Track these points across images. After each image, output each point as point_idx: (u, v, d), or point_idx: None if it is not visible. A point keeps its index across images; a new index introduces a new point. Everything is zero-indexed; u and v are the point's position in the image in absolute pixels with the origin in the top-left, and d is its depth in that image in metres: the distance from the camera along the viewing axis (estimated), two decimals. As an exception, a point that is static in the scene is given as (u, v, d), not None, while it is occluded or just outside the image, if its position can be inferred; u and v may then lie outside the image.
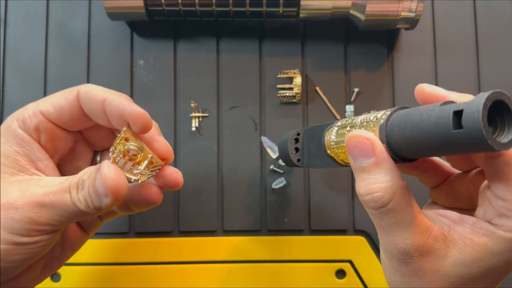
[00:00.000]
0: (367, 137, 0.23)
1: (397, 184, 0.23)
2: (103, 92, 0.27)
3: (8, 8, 0.41)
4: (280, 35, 0.42)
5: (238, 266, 0.39)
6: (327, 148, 0.28)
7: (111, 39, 0.41)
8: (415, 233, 0.23)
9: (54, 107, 0.27)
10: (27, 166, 0.27)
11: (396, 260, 0.24)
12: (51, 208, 0.25)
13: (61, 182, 0.26)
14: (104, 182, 0.24)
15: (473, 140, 0.19)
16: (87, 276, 0.38)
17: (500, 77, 0.41)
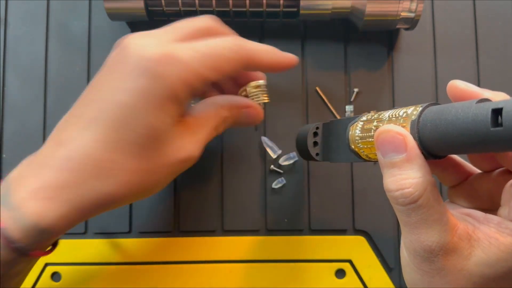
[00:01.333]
0: (399, 132, 0.23)
1: (428, 181, 0.23)
2: (271, 56, 0.31)
3: (8, 8, 0.41)
4: (280, 35, 0.42)
5: (238, 266, 0.39)
6: (351, 143, 0.28)
7: (112, 39, 0.41)
8: (442, 231, 0.23)
9: (219, 73, 0.28)
10: (181, 119, 0.29)
11: (420, 258, 0.24)
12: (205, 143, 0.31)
13: (207, 122, 0.31)
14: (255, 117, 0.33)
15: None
16: (87, 276, 0.38)
17: (500, 77, 0.41)
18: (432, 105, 0.23)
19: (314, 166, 0.40)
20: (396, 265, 0.39)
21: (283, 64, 0.32)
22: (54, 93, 0.41)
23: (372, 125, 0.26)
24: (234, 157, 0.40)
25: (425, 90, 0.41)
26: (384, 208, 0.40)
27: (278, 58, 0.31)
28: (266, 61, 0.31)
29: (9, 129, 0.40)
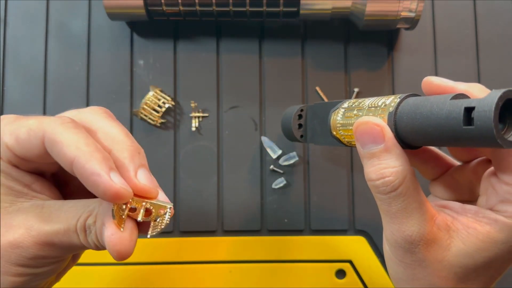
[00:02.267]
0: (377, 123, 0.24)
1: (407, 170, 0.23)
2: (72, 150, 0.22)
3: (8, 8, 0.41)
4: (280, 35, 0.42)
5: (238, 266, 0.39)
6: (333, 129, 0.28)
7: (111, 39, 0.41)
8: (421, 221, 0.24)
9: (19, 144, 0.24)
10: (24, 190, 0.25)
11: (401, 250, 0.24)
12: (61, 247, 0.24)
13: (67, 218, 0.24)
14: (109, 249, 0.24)
15: (482, 137, 0.19)
16: (87, 276, 0.38)
17: (500, 77, 0.41)
18: (411, 96, 0.24)
19: (314, 166, 0.40)
20: (396, 265, 0.39)
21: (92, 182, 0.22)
22: (54, 92, 0.41)
23: (353, 113, 0.26)
24: (234, 157, 0.40)
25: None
26: (384, 208, 0.40)
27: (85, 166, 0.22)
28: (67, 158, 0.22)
29: (8, 129, 0.40)
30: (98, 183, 0.22)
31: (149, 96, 0.39)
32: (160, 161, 0.40)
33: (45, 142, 0.23)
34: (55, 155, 0.23)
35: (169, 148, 0.40)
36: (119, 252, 0.24)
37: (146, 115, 0.40)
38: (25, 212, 0.24)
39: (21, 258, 0.24)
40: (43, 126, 0.23)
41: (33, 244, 0.23)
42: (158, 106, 0.40)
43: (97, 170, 0.22)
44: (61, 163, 0.23)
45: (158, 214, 0.24)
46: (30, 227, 0.24)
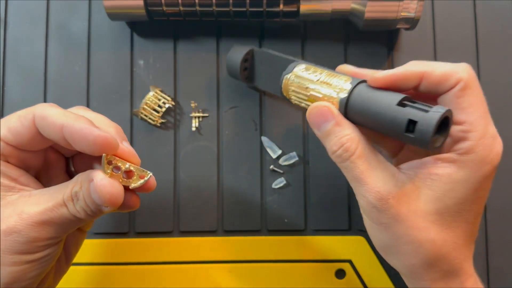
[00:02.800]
0: (324, 105, 0.28)
1: (359, 135, 0.27)
2: (60, 118, 0.25)
3: (8, 8, 0.41)
4: (280, 35, 0.42)
5: (238, 266, 0.39)
6: (284, 91, 0.32)
7: (111, 39, 0.41)
8: (385, 175, 0.27)
9: (12, 133, 0.26)
10: (11, 184, 0.26)
11: (376, 212, 0.26)
12: (52, 224, 0.25)
13: (53, 196, 0.26)
14: (101, 196, 0.25)
15: (418, 143, 0.24)
16: (87, 276, 0.38)
17: (500, 77, 0.41)
18: (361, 83, 0.28)
19: (314, 166, 0.40)
20: (396, 265, 0.39)
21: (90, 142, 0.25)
22: (54, 92, 0.41)
23: (305, 85, 0.30)
24: (234, 157, 0.40)
25: (425, 90, 0.41)
26: (384, 208, 0.40)
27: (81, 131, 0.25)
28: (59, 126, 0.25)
29: (9, 129, 0.40)
30: (88, 134, 0.24)
31: (149, 96, 0.40)
32: (160, 161, 0.40)
33: (35, 121, 0.25)
34: (46, 128, 0.25)
35: (169, 148, 0.40)
36: (111, 194, 0.25)
37: (146, 115, 0.40)
38: (14, 203, 0.26)
39: (16, 244, 0.25)
40: (31, 110, 0.26)
41: (25, 226, 0.25)
42: (158, 106, 0.40)
43: (86, 125, 0.25)
44: (52, 134, 0.25)
45: (139, 178, 0.27)
46: (20, 213, 0.25)
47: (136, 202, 0.28)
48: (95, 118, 0.28)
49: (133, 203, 0.28)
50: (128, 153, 0.27)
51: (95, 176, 0.25)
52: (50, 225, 0.25)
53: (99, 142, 0.25)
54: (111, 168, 0.26)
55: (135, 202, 0.28)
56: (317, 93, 0.29)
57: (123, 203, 0.27)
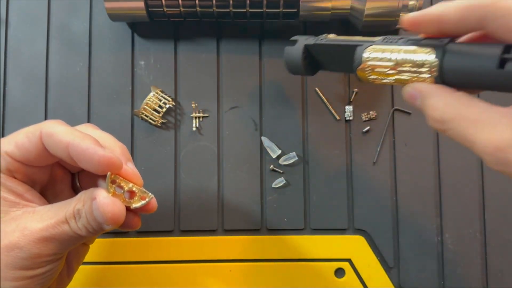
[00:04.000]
0: (415, 85, 0.25)
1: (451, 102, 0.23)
2: (66, 136, 0.26)
3: (9, 9, 0.42)
4: (280, 35, 0.42)
5: (238, 266, 0.39)
6: (359, 71, 0.29)
7: (112, 40, 0.42)
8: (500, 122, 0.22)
9: (19, 149, 0.26)
10: (16, 200, 0.27)
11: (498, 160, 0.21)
12: (54, 240, 0.26)
13: (56, 213, 0.26)
14: (103, 214, 0.25)
15: None
16: (88, 275, 0.39)
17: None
18: (447, 53, 0.24)
19: (314, 166, 0.40)
20: (395, 264, 0.39)
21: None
22: (55, 93, 0.41)
23: (388, 62, 0.27)
24: (234, 157, 0.41)
25: (424, 90, 0.41)
26: (383, 207, 0.40)
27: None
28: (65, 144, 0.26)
29: (10, 129, 0.40)
30: (93, 154, 0.25)
31: (150, 97, 0.40)
32: (161, 161, 0.40)
33: (42, 137, 0.26)
34: (52, 145, 0.26)
35: (170, 148, 0.40)
36: (113, 213, 0.25)
37: (147, 116, 0.40)
38: (18, 218, 0.26)
39: (17, 260, 0.25)
40: (39, 127, 0.26)
41: (28, 242, 0.25)
42: (159, 107, 0.40)
43: (91, 145, 0.25)
44: (58, 151, 0.26)
45: (140, 199, 0.27)
46: (23, 229, 0.25)
47: (137, 223, 0.29)
48: (101, 137, 0.28)
49: (134, 224, 0.28)
50: (132, 174, 0.27)
51: (98, 195, 0.25)
52: (51, 241, 0.25)
53: (104, 162, 0.25)
54: (114, 187, 0.26)
55: (136, 222, 0.28)
56: (403, 73, 0.27)
57: (124, 223, 0.27)
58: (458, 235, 0.40)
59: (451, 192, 0.40)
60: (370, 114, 0.41)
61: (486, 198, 0.40)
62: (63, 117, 0.40)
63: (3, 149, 0.26)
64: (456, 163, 0.40)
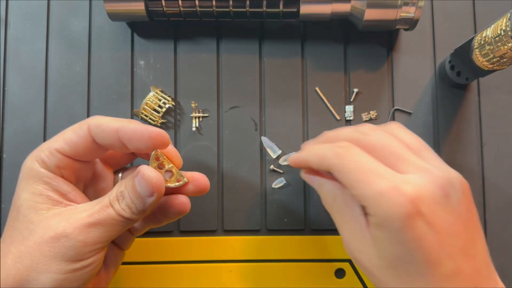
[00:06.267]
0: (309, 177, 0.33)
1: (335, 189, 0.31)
2: (114, 122, 0.28)
3: (9, 8, 0.42)
4: (280, 35, 0.42)
5: (238, 266, 0.39)
6: (475, 59, 0.35)
7: (112, 39, 0.41)
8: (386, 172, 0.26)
9: (68, 144, 0.28)
10: (59, 199, 0.28)
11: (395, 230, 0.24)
12: (99, 226, 0.27)
13: (100, 201, 0.28)
14: (148, 182, 0.27)
15: None
16: (88, 275, 0.39)
17: (499, 77, 0.41)
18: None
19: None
20: (396, 265, 0.39)
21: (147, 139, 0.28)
22: (55, 93, 0.41)
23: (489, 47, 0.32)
24: (234, 157, 0.40)
25: (425, 90, 0.41)
26: (383, 208, 0.40)
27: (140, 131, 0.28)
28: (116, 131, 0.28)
29: (9, 129, 0.40)
30: (143, 131, 0.27)
31: (149, 97, 0.40)
32: (161, 161, 0.40)
33: (91, 129, 0.28)
34: (101, 134, 0.28)
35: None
36: (156, 180, 0.27)
37: (147, 115, 0.40)
38: (61, 214, 0.27)
39: (63, 249, 0.26)
40: (85, 122, 0.28)
41: (74, 229, 0.26)
42: (158, 107, 0.40)
43: (139, 124, 0.28)
44: (107, 138, 0.28)
45: (176, 181, 0.30)
46: (69, 219, 0.27)
47: (185, 206, 0.31)
48: None
49: (181, 206, 0.31)
50: (175, 153, 0.30)
51: (142, 168, 0.27)
52: (97, 227, 0.27)
53: (154, 137, 0.27)
54: (157, 163, 0.29)
55: (183, 205, 0.31)
56: None
57: (173, 207, 0.30)
58: (458, 236, 0.40)
59: (451, 192, 0.40)
60: (371, 114, 0.41)
61: (486, 198, 0.40)
62: (63, 116, 0.40)
63: (52, 146, 0.28)
64: (456, 163, 0.40)
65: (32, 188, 0.27)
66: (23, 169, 0.28)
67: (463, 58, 0.37)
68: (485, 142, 0.41)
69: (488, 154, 0.40)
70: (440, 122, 0.41)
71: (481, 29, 0.34)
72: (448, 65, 0.39)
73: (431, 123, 0.41)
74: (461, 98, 0.41)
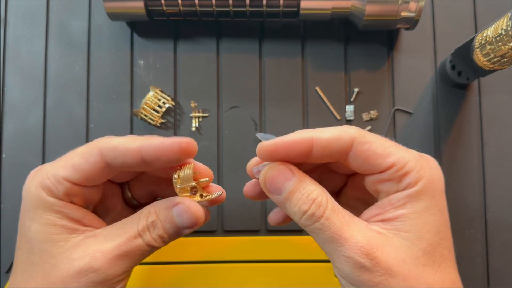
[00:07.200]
0: (281, 164, 0.26)
1: (323, 188, 0.25)
2: (132, 142, 0.26)
3: (8, 8, 0.41)
4: (280, 35, 0.42)
5: (238, 266, 0.39)
6: (477, 59, 0.35)
7: (111, 39, 0.41)
8: (361, 228, 0.24)
9: (77, 171, 0.26)
10: (75, 226, 0.26)
11: (365, 273, 0.23)
12: (127, 258, 0.26)
13: (124, 230, 0.26)
14: (193, 216, 0.26)
15: None
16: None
17: (499, 77, 0.41)
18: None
19: (314, 166, 0.40)
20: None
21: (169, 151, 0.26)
22: (54, 92, 0.41)
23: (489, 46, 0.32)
24: (234, 157, 0.40)
25: (425, 90, 0.41)
26: (384, 208, 0.40)
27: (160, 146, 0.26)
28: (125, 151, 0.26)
29: (9, 129, 0.40)
30: (171, 144, 0.25)
31: (149, 96, 0.40)
32: (160, 161, 0.40)
33: (104, 154, 0.26)
34: (119, 157, 0.25)
35: (169, 148, 0.40)
36: (200, 215, 0.26)
37: (146, 115, 0.40)
38: (80, 244, 0.26)
39: (91, 284, 0.25)
40: (93, 146, 0.26)
41: (102, 264, 0.25)
42: (158, 106, 0.40)
43: (161, 139, 0.25)
44: (127, 160, 0.25)
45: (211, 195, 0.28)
46: (93, 253, 0.25)
47: (208, 217, 0.29)
48: None
49: (207, 218, 0.29)
50: (204, 167, 0.28)
51: (183, 200, 0.26)
52: (124, 259, 0.25)
53: (185, 147, 0.25)
54: (189, 187, 0.27)
55: (207, 217, 0.29)
56: None
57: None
58: (459, 236, 0.39)
59: (451, 192, 0.40)
60: (371, 114, 0.41)
61: (487, 199, 0.40)
62: (62, 116, 0.40)
63: (59, 174, 0.26)
64: (457, 163, 0.40)
65: (44, 219, 0.26)
66: (28, 196, 0.26)
67: (463, 58, 0.37)
68: (485, 141, 0.41)
69: (488, 153, 0.40)
70: (441, 121, 0.41)
71: (481, 29, 0.34)
72: (448, 64, 0.39)
73: (432, 123, 0.41)
74: (461, 98, 0.41)
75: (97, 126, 0.40)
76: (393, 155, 0.24)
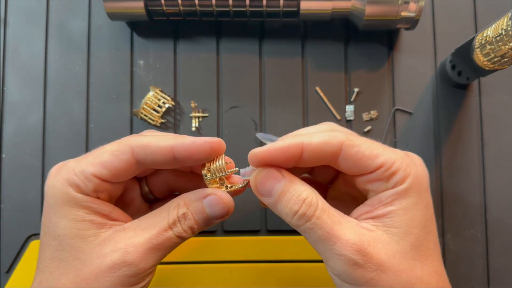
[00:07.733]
0: (272, 169, 0.26)
1: (312, 188, 0.26)
2: (164, 141, 0.26)
3: (8, 8, 0.41)
4: (280, 35, 0.42)
5: (238, 266, 0.39)
6: (477, 60, 0.35)
7: (111, 39, 0.41)
8: (352, 226, 0.25)
9: (107, 168, 0.26)
10: (103, 221, 0.27)
11: (358, 269, 0.24)
12: (158, 250, 0.26)
13: (153, 223, 0.27)
14: (225, 205, 0.27)
15: None
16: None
17: (500, 77, 0.41)
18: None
19: (314, 166, 0.40)
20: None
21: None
22: (54, 92, 0.41)
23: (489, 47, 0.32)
24: (234, 157, 0.40)
25: (425, 90, 0.41)
26: (384, 208, 0.40)
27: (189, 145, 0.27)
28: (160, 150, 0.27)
29: (8, 129, 0.40)
30: (202, 143, 0.26)
31: (149, 96, 0.40)
32: (160, 161, 0.40)
33: (135, 151, 0.26)
34: (150, 155, 0.26)
35: (169, 148, 0.40)
36: (231, 204, 0.27)
37: (146, 115, 0.40)
38: (110, 239, 0.26)
39: (125, 278, 0.25)
40: (124, 143, 0.27)
41: (135, 258, 0.25)
42: (158, 106, 0.40)
43: (193, 138, 0.26)
44: (158, 158, 0.26)
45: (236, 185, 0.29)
46: (124, 247, 0.25)
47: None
48: None
49: None
50: (229, 160, 0.29)
51: (215, 192, 0.27)
52: (156, 251, 0.26)
53: (216, 147, 0.27)
54: (218, 178, 0.28)
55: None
56: None
57: None
58: (459, 236, 0.39)
59: (452, 192, 0.40)
60: (371, 114, 0.41)
61: (487, 199, 0.40)
62: (62, 116, 0.40)
63: (89, 171, 0.26)
64: (457, 163, 0.40)
65: (72, 215, 0.26)
66: (53, 193, 0.26)
67: (464, 57, 0.37)
68: (485, 141, 0.41)
69: (488, 153, 0.40)
70: (441, 121, 0.41)
71: (482, 29, 0.34)
72: (449, 64, 0.39)
73: (432, 123, 0.41)
74: (461, 98, 0.41)
75: (97, 126, 0.40)
76: (381, 156, 0.25)
